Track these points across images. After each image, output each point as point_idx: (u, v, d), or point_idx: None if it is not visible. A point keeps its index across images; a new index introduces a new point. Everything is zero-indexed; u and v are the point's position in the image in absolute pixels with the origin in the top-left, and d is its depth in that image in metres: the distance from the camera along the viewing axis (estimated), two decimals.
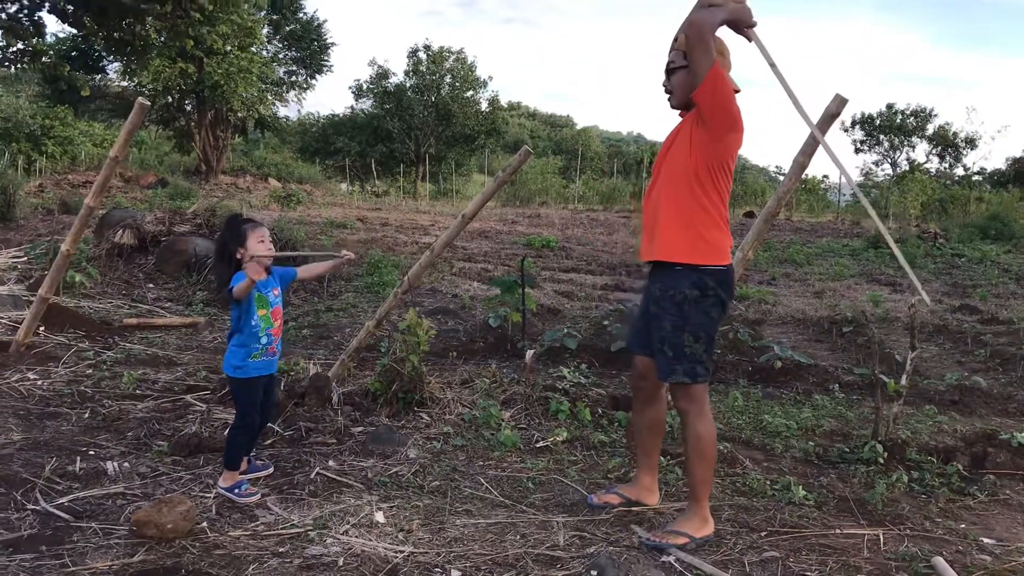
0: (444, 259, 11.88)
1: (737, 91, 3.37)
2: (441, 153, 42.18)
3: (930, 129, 45.97)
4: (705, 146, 3.31)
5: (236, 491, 3.74)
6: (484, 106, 43.11)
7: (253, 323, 3.79)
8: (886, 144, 47.31)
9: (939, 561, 3.22)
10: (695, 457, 3.42)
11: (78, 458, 4.13)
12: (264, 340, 3.82)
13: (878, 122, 46.58)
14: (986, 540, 3.58)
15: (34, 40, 15.17)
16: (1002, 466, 4.48)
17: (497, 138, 44.71)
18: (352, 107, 44.59)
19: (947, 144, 45.09)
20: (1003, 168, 42.51)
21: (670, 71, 3.45)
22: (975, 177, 42.51)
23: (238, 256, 3.74)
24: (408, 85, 42.04)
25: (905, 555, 3.35)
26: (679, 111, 3.52)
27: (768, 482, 4.12)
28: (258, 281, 3.69)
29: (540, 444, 4.59)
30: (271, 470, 4.08)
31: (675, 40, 3.45)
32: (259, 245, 3.75)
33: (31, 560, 3.05)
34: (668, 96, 3.51)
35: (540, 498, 3.88)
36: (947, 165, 45.58)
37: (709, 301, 3.35)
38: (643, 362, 3.65)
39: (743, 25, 3.32)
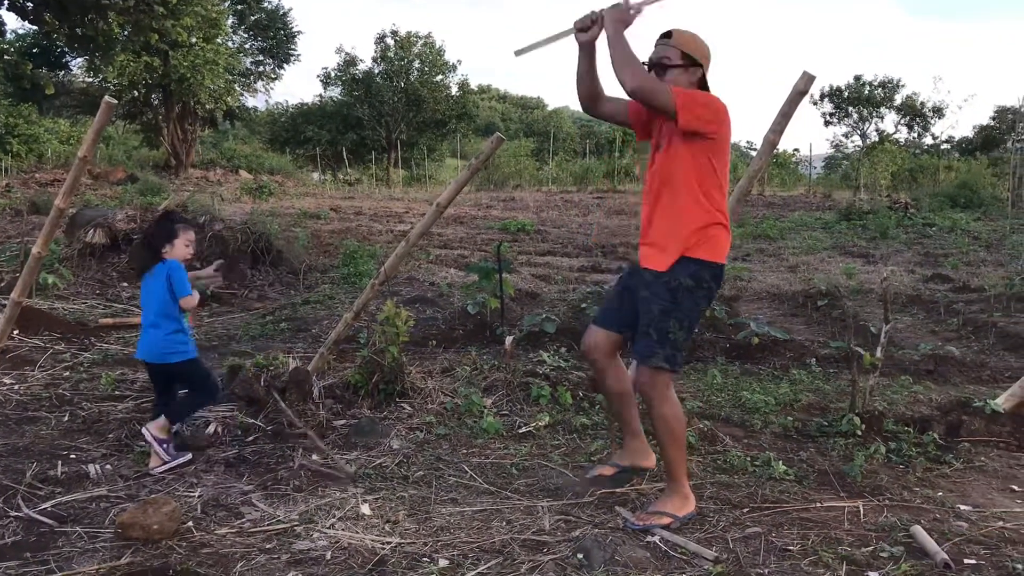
0: (420, 247, 11.86)
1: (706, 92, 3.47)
2: (412, 139, 41.99)
3: (898, 99, 46.29)
4: (701, 146, 3.39)
5: (164, 446, 4.02)
6: (454, 90, 42.93)
7: (180, 313, 4.16)
8: (855, 116, 47.59)
9: (918, 530, 3.29)
10: (666, 438, 3.48)
11: (59, 462, 4.11)
12: (187, 326, 4.22)
13: (846, 94, 46.83)
14: (963, 507, 3.65)
15: None
16: (977, 433, 4.56)
17: (468, 122, 44.56)
18: (321, 95, 44.26)
19: (915, 114, 45.43)
20: (971, 136, 42.96)
21: (664, 66, 3.48)
22: (943, 146, 42.95)
23: (163, 251, 4.11)
24: (377, 71, 41.77)
25: (885, 525, 3.41)
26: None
27: (748, 458, 4.18)
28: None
29: (523, 430, 4.62)
30: (189, 457, 4.14)
31: (668, 35, 3.49)
32: (185, 248, 4.15)
33: (16, 567, 3.04)
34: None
35: (524, 483, 3.91)
36: (916, 135, 45.95)
37: (701, 293, 3.44)
38: (599, 335, 3.77)
39: (628, 17, 3.45)
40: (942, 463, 4.20)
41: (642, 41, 3.50)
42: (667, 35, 3.51)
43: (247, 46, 38.38)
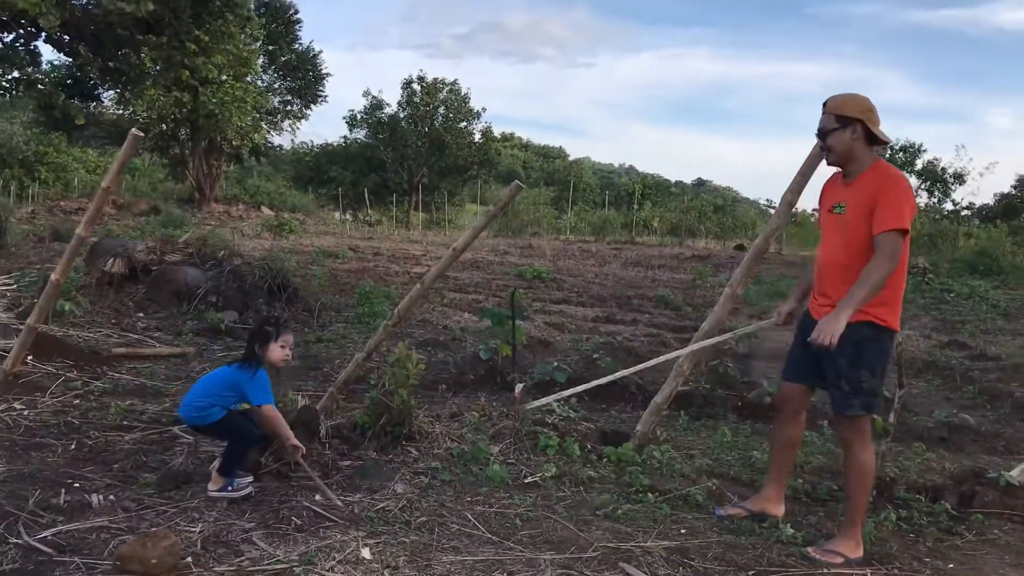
0: (435, 290, 11.88)
1: (887, 142, 3.83)
2: (434, 183, 42.38)
3: (919, 164, 46.32)
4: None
5: (229, 489, 4.11)
6: (477, 137, 43.43)
7: (234, 406, 4.33)
8: None
9: None
10: (857, 485, 3.78)
11: (63, 490, 4.10)
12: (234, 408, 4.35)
13: None
14: None
15: (29, 69, 15.24)
16: (990, 505, 4.48)
17: (490, 169, 45.00)
18: (346, 137, 44.83)
19: (936, 179, 45.41)
20: (991, 204, 42.86)
21: (824, 133, 3.81)
22: (964, 212, 42.81)
23: (259, 352, 4.26)
24: (402, 116, 42.30)
25: None
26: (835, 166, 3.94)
27: (756, 520, 4.12)
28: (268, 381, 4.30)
29: (528, 479, 4.58)
30: (250, 479, 4.28)
31: (825, 105, 3.82)
32: (280, 351, 4.30)
33: None
34: (826, 154, 3.88)
35: (528, 535, 3.86)
36: (936, 200, 45.87)
37: (883, 339, 3.74)
38: (791, 388, 4.10)
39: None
40: (954, 534, 4.12)
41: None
42: (824, 105, 3.83)
43: (276, 85, 39.03)
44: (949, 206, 43.90)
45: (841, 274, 3.75)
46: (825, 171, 4.16)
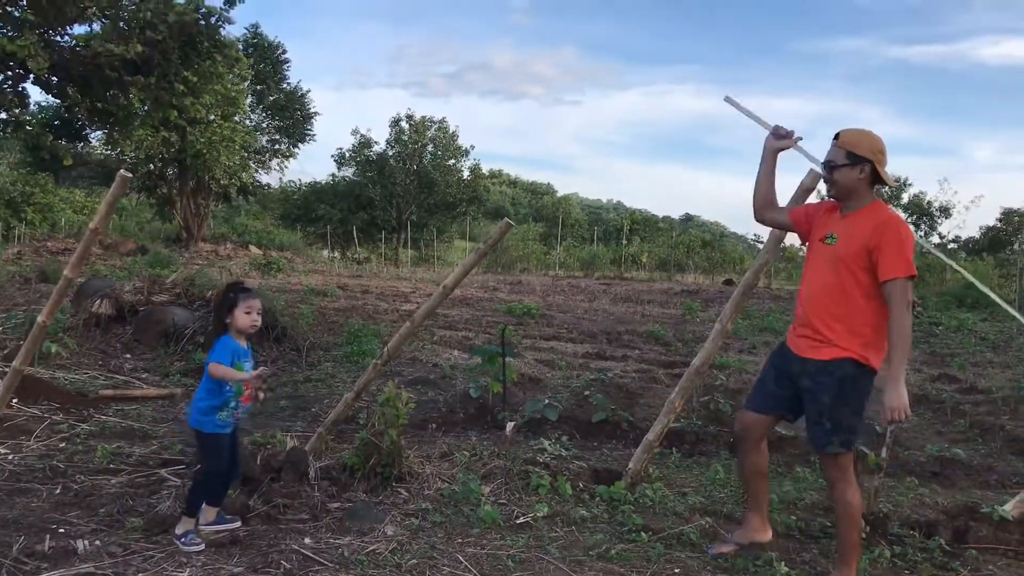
0: (425, 327, 11.84)
1: (891, 186, 3.75)
2: (423, 220, 42.47)
3: (905, 198, 46.71)
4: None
5: (184, 539, 3.97)
6: (466, 174, 43.61)
7: (227, 389, 4.08)
8: None
9: None
10: (847, 524, 3.79)
11: (48, 536, 4.03)
12: (232, 405, 4.12)
13: None
14: None
15: (17, 110, 15.25)
16: (984, 540, 4.46)
17: (479, 205, 45.15)
18: (334, 175, 44.95)
19: (922, 213, 45.76)
20: (977, 237, 43.21)
21: (832, 167, 3.83)
22: (950, 246, 43.14)
23: (227, 320, 4.11)
24: (391, 153, 42.48)
25: None
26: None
27: (750, 558, 4.08)
28: (239, 349, 4.10)
29: (520, 520, 4.53)
30: (238, 523, 4.25)
31: (837, 137, 3.84)
32: (244, 316, 4.10)
33: None
34: (829, 186, 3.91)
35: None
36: (923, 233, 46.21)
37: (865, 377, 3.72)
38: (756, 419, 4.09)
39: (780, 144, 4.20)
40: (949, 570, 4.09)
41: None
42: (836, 136, 3.85)
43: (264, 125, 39.18)
44: (936, 239, 44.24)
45: (829, 308, 3.75)
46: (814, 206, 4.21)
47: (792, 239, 4.65)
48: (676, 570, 3.93)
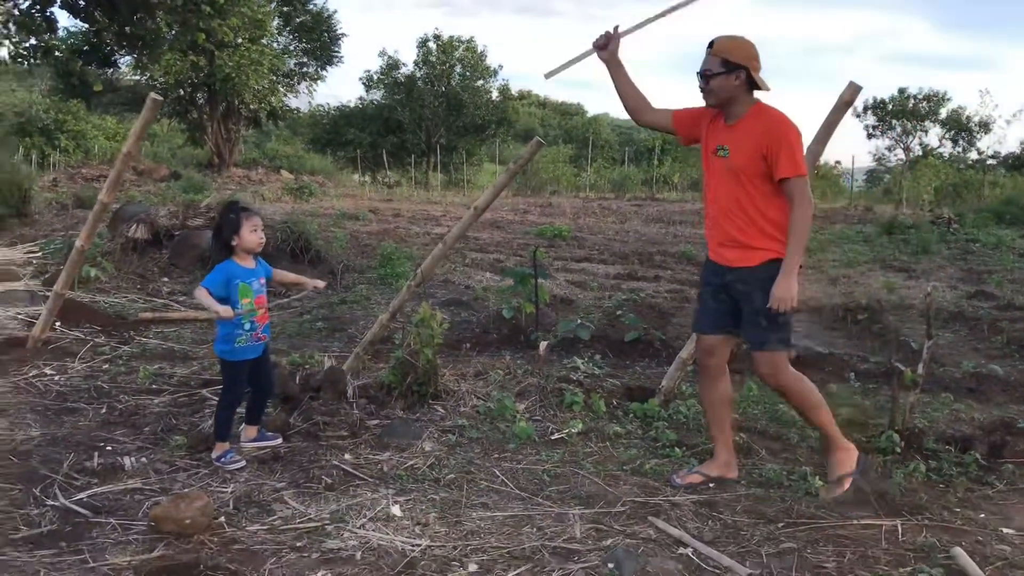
0: (456, 250, 11.87)
1: (767, 90, 3.75)
2: (452, 143, 42.14)
3: (943, 113, 45.61)
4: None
5: (222, 459, 4.06)
6: (495, 95, 43.05)
7: (237, 310, 4.04)
8: (899, 129, 47.00)
9: (959, 551, 3.21)
10: (807, 406, 3.89)
11: (96, 453, 4.16)
12: (248, 327, 4.11)
13: (890, 107, 46.26)
14: (1006, 530, 3.56)
15: (46, 36, 15.20)
16: (1021, 454, 4.44)
17: (508, 127, 44.66)
18: (363, 98, 44.59)
19: (960, 128, 44.72)
20: (1017, 152, 42.17)
21: (708, 76, 3.74)
22: (989, 161, 42.21)
23: (232, 243, 4.08)
24: (418, 75, 41.99)
25: (924, 546, 3.33)
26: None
27: (784, 472, 4.12)
28: (242, 271, 4.08)
29: (555, 436, 4.59)
30: (279, 440, 4.36)
31: (711, 46, 3.74)
32: (251, 235, 4.10)
33: (51, 556, 3.07)
34: (705, 95, 3.81)
35: (556, 490, 3.88)
36: (960, 149, 45.24)
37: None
38: (712, 340, 4.03)
39: (608, 51, 4.07)
40: (984, 484, 4.10)
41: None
42: (710, 45, 3.76)
43: (291, 47, 38.78)
44: (974, 155, 43.28)
45: (741, 216, 3.74)
46: (850, 121, 4.10)
47: (826, 157, 4.53)
48: (710, 484, 3.97)
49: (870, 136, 47.62)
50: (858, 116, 46.66)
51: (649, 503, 3.73)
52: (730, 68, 3.68)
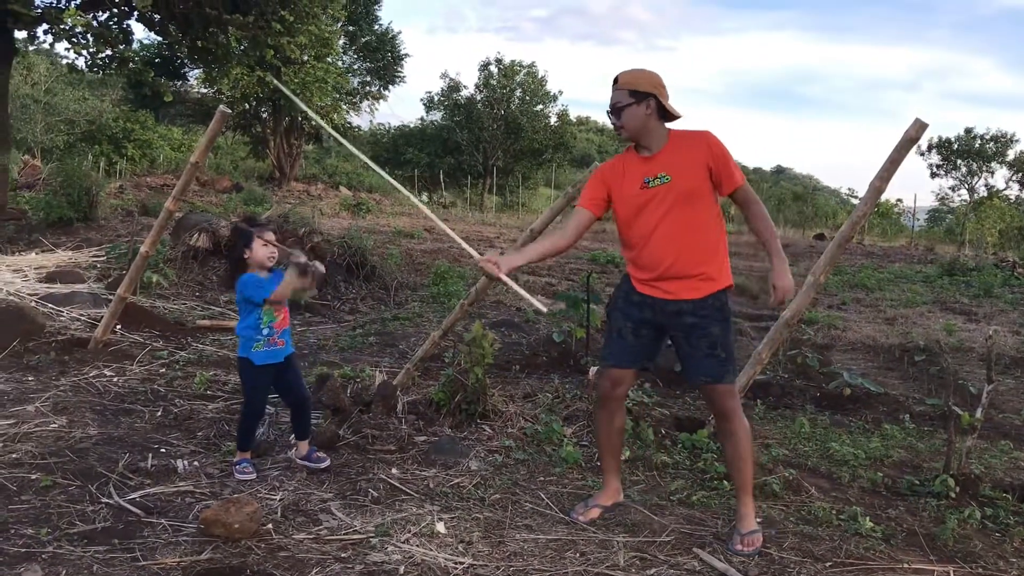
0: (510, 272, 11.89)
1: (678, 116, 3.72)
2: (508, 166, 42.33)
3: (1011, 155, 44.70)
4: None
5: (238, 466, 4.10)
6: (553, 120, 43.18)
7: (255, 316, 4.09)
8: (963, 169, 46.19)
9: None
10: (746, 455, 3.73)
11: (150, 455, 4.25)
12: (265, 332, 4.12)
13: (956, 147, 45.50)
14: None
15: (122, 47, 15.64)
16: None
17: (565, 152, 44.72)
18: (423, 118, 45.07)
19: None
20: None
21: (618, 109, 3.70)
22: None
23: (245, 256, 4.11)
24: (479, 98, 42.33)
25: None
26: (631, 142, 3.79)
27: (834, 511, 4.04)
28: (263, 281, 4.08)
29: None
30: (327, 463, 4.26)
31: (615, 81, 3.73)
32: (262, 249, 4.10)
33: (104, 552, 3.14)
34: (618, 131, 3.77)
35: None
36: None
37: (728, 301, 3.74)
38: (624, 374, 3.91)
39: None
40: None
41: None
42: (615, 81, 3.73)
43: (355, 66, 39.37)
44: None
45: (686, 245, 3.62)
46: (914, 158, 4.03)
47: (888, 194, 4.46)
48: (757, 519, 3.92)
49: (934, 175, 46.85)
50: (922, 155, 45.97)
51: (695, 534, 3.70)
52: (639, 97, 3.63)
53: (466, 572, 3.16)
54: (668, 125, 3.74)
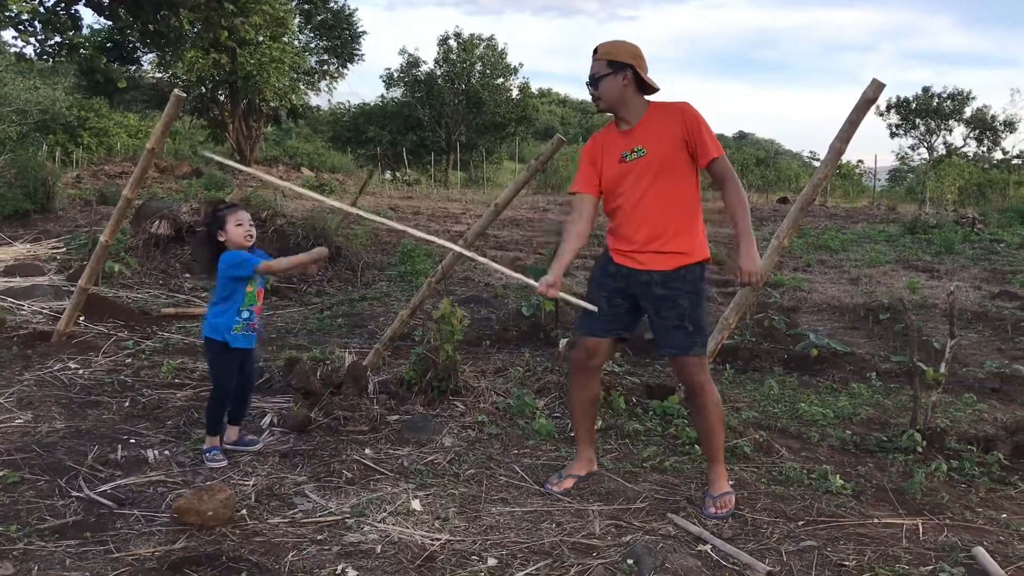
0: (476, 247, 11.87)
1: (656, 89, 3.72)
2: (472, 141, 42.20)
3: (968, 112, 45.26)
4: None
5: (208, 454, 4.07)
6: (515, 93, 43.07)
7: (238, 297, 4.08)
8: (922, 128, 46.70)
9: (980, 551, 3.19)
10: (717, 423, 3.75)
11: (119, 446, 4.20)
12: (245, 315, 4.11)
13: (914, 106, 45.95)
14: None
15: (71, 33, 15.33)
16: None
17: (528, 125, 44.70)
18: (383, 96, 44.74)
19: (985, 127, 44.37)
20: None
21: (596, 80, 3.71)
22: (1015, 160, 41.82)
23: (220, 239, 4.09)
24: (439, 73, 42.06)
25: (945, 545, 3.32)
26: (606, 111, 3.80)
27: (805, 471, 4.10)
28: (246, 253, 4.08)
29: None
30: (259, 446, 4.27)
31: (595, 52, 3.74)
32: (236, 228, 4.08)
33: (76, 546, 3.11)
34: (596, 102, 3.79)
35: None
36: (985, 149, 44.87)
37: (705, 274, 3.76)
38: (599, 343, 3.89)
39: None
40: (1007, 484, 4.07)
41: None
42: (594, 52, 3.75)
43: (312, 45, 38.91)
44: (999, 155, 42.90)
45: (663, 217, 3.64)
46: (873, 119, 4.06)
47: (848, 155, 4.47)
48: (731, 482, 3.97)
49: (893, 135, 47.36)
50: (881, 115, 46.44)
51: (668, 500, 3.73)
52: (616, 68, 3.64)
53: (443, 548, 3.17)
54: (648, 98, 3.74)
